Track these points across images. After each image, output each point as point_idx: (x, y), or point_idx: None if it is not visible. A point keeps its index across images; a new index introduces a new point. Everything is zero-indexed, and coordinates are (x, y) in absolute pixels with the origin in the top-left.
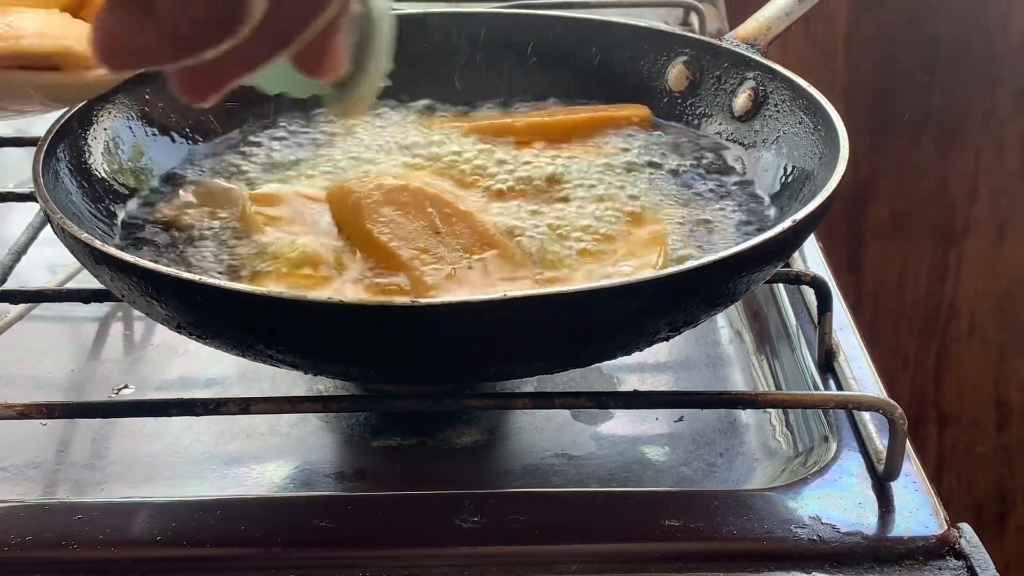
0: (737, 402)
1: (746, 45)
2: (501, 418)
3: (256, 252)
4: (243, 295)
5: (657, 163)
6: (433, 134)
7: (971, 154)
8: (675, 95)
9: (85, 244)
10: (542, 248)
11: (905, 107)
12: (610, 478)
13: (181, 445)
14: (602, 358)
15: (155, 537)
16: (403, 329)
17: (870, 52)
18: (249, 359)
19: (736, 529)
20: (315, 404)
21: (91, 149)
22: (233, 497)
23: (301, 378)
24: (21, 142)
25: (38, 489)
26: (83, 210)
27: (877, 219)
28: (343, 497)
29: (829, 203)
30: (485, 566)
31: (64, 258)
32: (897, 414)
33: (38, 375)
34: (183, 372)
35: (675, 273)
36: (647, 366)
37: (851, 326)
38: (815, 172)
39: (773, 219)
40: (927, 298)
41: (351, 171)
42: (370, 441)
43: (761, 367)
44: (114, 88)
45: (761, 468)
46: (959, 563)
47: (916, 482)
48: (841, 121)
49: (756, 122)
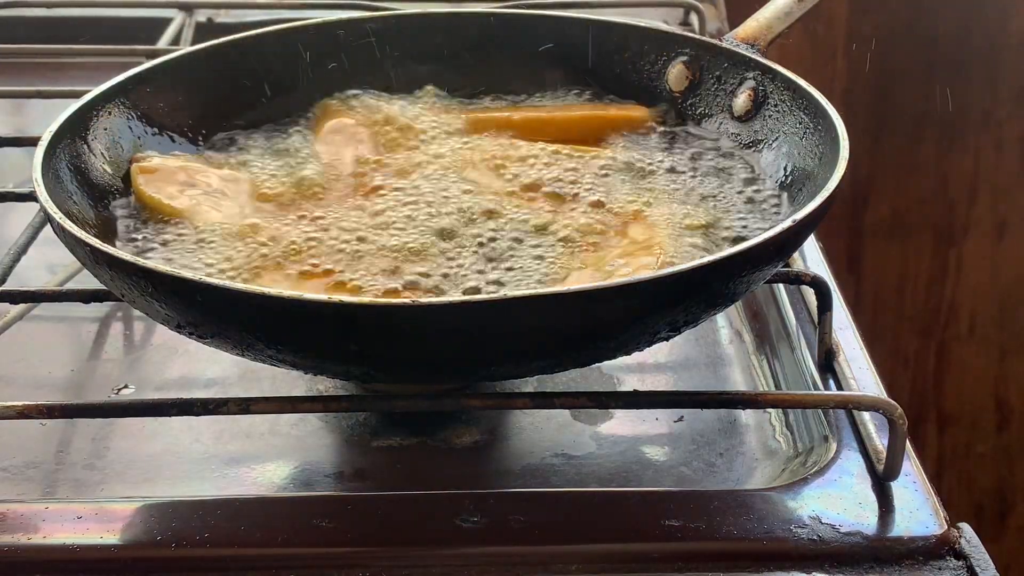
0: (737, 402)
1: (746, 45)
2: (501, 418)
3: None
4: (243, 295)
5: (656, 163)
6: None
7: (971, 154)
8: (675, 95)
9: (85, 244)
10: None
11: (905, 107)
12: (610, 478)
13: (181, 445)
14: (602, 358)
15: (155, 537)
16: (403, 329)
17: (870, 52)
18: (249, 359)
19: (736, 529)
20: (315, 404)
21: (91, 149)
22: (233, 497)
23: (301, 378)
24: (21, 142)
25: (38, 489)
26: (83, 210)
27: (877, 219)
28: (343, 497)
29: (829, 203)
30: (485, 566)
31: (64, 258)
32: (897, 414)
33: (38, 375)
34: (183, 372)
35: (675, 273)
36: (647, 366)
37: (851, 326)
38: (815, 172)
39: (773, 219)
40: (927, 298)
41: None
42: (370, 441)
43: (761, 367)
44: (114, 88)
45: (761, 468)
46: (959, 563)
47: (916, 482)
48: (841, 121)
49: (756, 122)
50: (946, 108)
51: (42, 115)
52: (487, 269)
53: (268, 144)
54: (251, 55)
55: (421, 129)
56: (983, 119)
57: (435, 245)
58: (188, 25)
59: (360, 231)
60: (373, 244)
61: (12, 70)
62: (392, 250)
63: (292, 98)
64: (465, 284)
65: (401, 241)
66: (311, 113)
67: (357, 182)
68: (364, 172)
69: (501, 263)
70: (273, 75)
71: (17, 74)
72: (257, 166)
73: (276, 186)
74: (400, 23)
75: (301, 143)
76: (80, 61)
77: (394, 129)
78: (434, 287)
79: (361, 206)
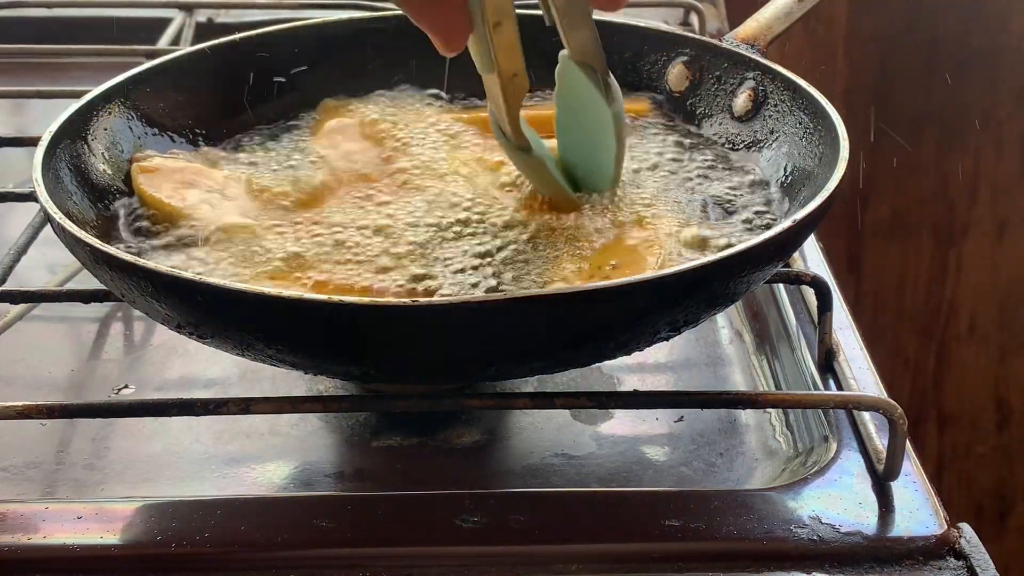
0: (737, 402)
1: (746, 45)
2: (501, 418)
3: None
4: (243, 295)
5: (655, 163)
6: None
7: (971, 154)
8: (675, 95)
9: (85, 244)
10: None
11: (905, 107)
12: (610, 478)
13: (181, 445)
14: (602, 358)
15: (155, 537)
16: (403, 329)
17: (870, 52)
18: (249, 359)
19: (736, 529)
20: (315, 404)
21: (91, 149)
22: (233, 497)
23: (301, 378)
24: (21, 142)
25: (38, 489)
26: (83, 210)
27: (877, 219)
28: (343, 497)
29: (829, 203)
30: (485, 566)
31: (64, 258)
32: (897, 414)
33: (38, 375)
34: (183, 372)
35: (675, 273)
36: (647, 366)
37: (851, 326)
38: (815, 172)
39: (773, 219)
40: (927, 298)
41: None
42: (370, 441)
43: (761, 367)
44: (114, 88)
45: (761, 468)
46: (959, 563)
47: (916, 482)
48: (841, 121)
49: (756, 122)
50: (946, 108)
51: (42, 115)
52: (487, 270)
53: (268, 144)
54: (251, 55)
55: (422, 129)
56: (983, 119)
57: (435, 245)
58: (188, 25)
59: (360, 231)
60: (373, 244)
61: (12, 70)
62: (393, 250)
63: (292, 98)
64: (465, 284)
65: (402, 241)
66: (311, 113)
67: (357, 182)
68: (365, 172)
69: (500, 263)
70: (273, 75)
71: (17, 74)
72: (257, 166)
73: (276, 186)
74: (400, 23)
75: (301, 143)
76: (80, 61)
77: (394, 129)
78: (435, 288)
79: (362, 206)
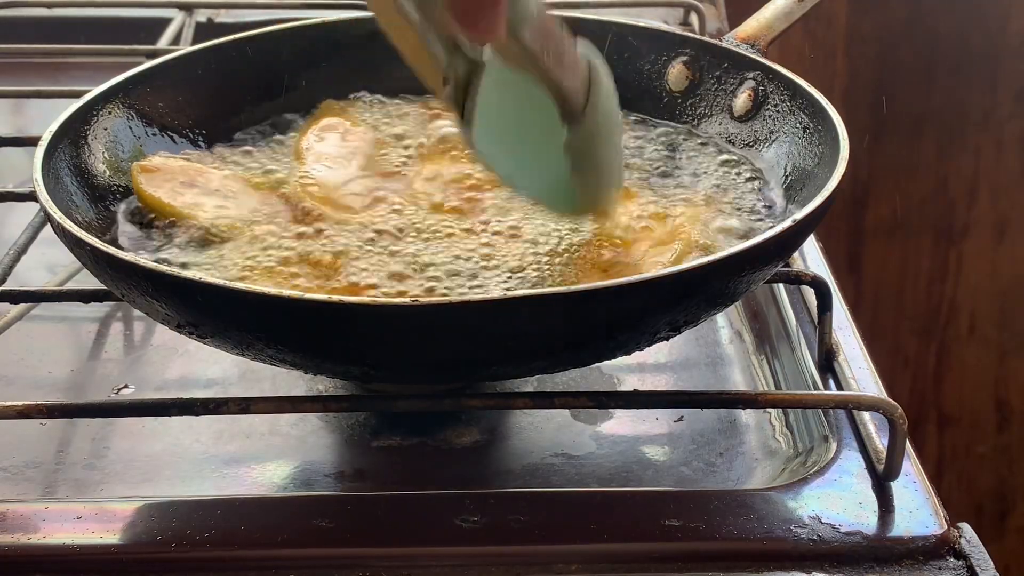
0: (737, 402)
1: (746, 45)
2: (501, 418)
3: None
4: (243, 295)
5: (655, 164)
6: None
7: (971, 154)
8: (675, 95)
9: (85, 244)
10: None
11: (905, 107)
12: (610, 478)
13: (181, 445)
14: (602, 358)
15: (155, 537)
16: (403, 329)
17: (870, 52)
18: (249, 359)
19: (736, 529)
20: (315, 404)
21: (91, 149)
22: (233, 497)
23: (301, 378)
24: (21, 142)
25: (38, 489)
26: (83, 210)
27: (877, 219)
28: (343, 497)
29: (829, 203)
30: (485, 566)
31: (64, 258)
32: (897, 414)
33: (38, 375)
34: (183, 372)
35: (675, 273)
36: (647, 366)
37: (851, 326)
38: (815, 172)
39: (773, 219)
40: (927, 298)
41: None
42: (370, 441)
43: (761, 367)
44: (114, 88)
45: (761, 468)
46: (959, 563)
47: (916, 482)
48: (841, 121)
49: (756, 122)
50: (946, 108)
51: (42, 115)
52: (487, 268)
53: (268, 144)
54: (251, 55)
55: (422, 129)
56: (983, 119)
57: (435, 245)
58: (188, 25)
59: (361, 231)
60: (374, 244)
61: (12, 70)
62: (393, 250)
63: (292, 98)
64: (466, 284)
65: (402, 241)
66: (311, 113)
67: (358, 182)
68: (366, 172)
69: (500, 263)
70: (273, 75)
71: (17, 74)
72: (257, 166)
73: (276, 186)
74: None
75: None
76: (80, 61)
77: (395, 129)
78: (435, 288)
79: (361, 205)
